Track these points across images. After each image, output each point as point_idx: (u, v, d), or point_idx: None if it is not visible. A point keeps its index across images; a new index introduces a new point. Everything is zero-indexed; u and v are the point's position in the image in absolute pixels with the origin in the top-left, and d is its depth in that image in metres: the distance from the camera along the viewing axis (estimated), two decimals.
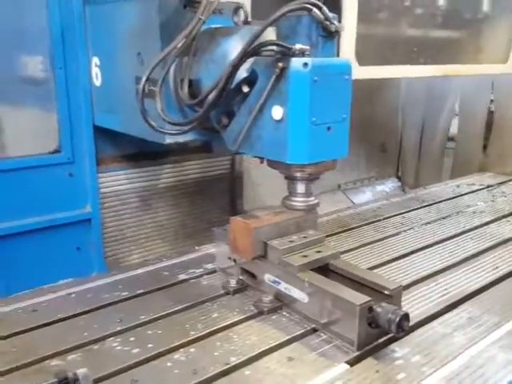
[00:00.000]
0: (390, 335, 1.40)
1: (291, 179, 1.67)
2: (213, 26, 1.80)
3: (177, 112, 1.80)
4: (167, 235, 2.88)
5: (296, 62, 1.45)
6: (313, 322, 1.47)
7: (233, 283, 1.67)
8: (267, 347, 1.37)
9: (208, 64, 1.72)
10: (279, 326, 1.48)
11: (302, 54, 1.46)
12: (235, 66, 1.50)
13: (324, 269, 1.56)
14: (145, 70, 1.83)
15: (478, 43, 3.06)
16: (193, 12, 1.82)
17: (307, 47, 1.46)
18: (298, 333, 1.44)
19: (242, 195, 3.15)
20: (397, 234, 2.29)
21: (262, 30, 1.45)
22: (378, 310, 1.34)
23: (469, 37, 3.04)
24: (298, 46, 1.45)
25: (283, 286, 1.54)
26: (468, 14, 2.95)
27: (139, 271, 1.85)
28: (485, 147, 3.67)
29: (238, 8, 1.82)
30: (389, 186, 4.18)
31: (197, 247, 2.10)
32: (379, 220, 2.47)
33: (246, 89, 1.63)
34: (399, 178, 4.23)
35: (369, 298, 1.35)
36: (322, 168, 1.61)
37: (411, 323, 1.37)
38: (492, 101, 3.56)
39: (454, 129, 3.94)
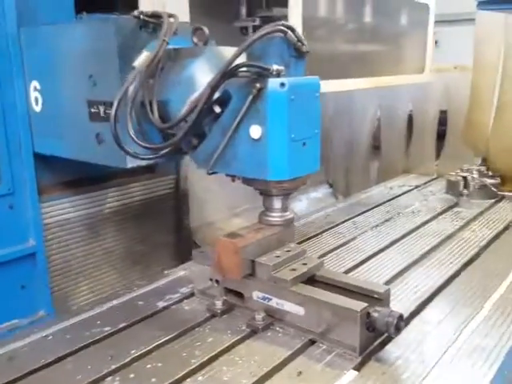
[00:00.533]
0: (382, 337, 1.47)
1: (268, 195, 1.69)
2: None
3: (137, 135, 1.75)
4: (115, 262, 2.78)
5: (273, 83, 1.49)
6: (310, 333, 1.50)
7: (219, 305, 1.66)
8: (274, 365, 1.38)
9: (175, 86, 1.70)
10: (277, 342, 1.49)
11: (278, 74, 1.50)
12: (214, 88, 1.51)
13: (311, 280, 1.60)
14: (98, 93, 1.79)
15: (399, 56, 3.30)
16: (148, 33, 1.82)
17: (282, 68, 1.50)
18: (298, 346, 1.46)
19: (189, 213, 3.11)
20: (354, 238, 2.39)
21: (241, 52, 1.47)
22: (375, 314, 1.40)
23: (392, 50, 3.26)
24: (275, 67, 1.48)
25: (275, 302, 1.56)
26: (390, 28, 3.17)
27: (114, 302, 1.77)
28: (407, 151, 3.93)
29: (197, 29, 1.83)
30: (321, 192, 4.33)
31: (166, 272, 2.05)
32: (333, 227, 2.56)
33: (217, 109, 1.63)
34: (330, 185, 4.40)
35: (366, 304, 1.40)
36: (299, 183, 1.65)
37: None
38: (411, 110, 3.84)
39: None
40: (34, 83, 2.11)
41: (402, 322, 1.40)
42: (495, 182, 3.05)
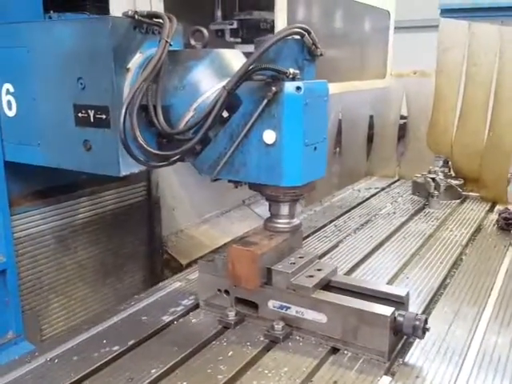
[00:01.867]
0: (402, 341, 1.47)
1: (278, 201, 1.65)
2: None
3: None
4: (87, 276, 2.63)
5: (289, 86, 1.46)
6: (332, 340, 1.47)
7: (231, 316, 1.60)
8: (305, 376, 1.34)
9: (178, 90, 1.63)
10: (301, 352, 1.45)
11: (293, 78, 1.47)
12: (231, 91, 1.45)
13: (327, 286, 1.58)
14: (87, 97, 1.68)
15: (363, 61, 3.37)
16: (142, 33, 1.73)
17: (298, 71, 1.47)
18: (323, 355, 1.44)
19: (161, 222, 3.01)
20: (340, 241, 2.40)
21: (260, 55, 1.43)
22: (400, 318, 1.40)
23: (356, 56, 3.32)
24: (291, 70, 1.45)
25: (294, 310, 1.52)
26: (354, 35, 3.23)
27: (115, 319, 1.66)
28: (368, 154, 4.02)
29: (196, 31, 1.76)
30: None
31: (160, 283, 1.96)
32: (316, 230, 2.56)
33: (225, 114, 1.58)
34: None
35: (393, 308, 1.40)
36: (309, 188, 1.63)
37: None
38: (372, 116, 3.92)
39: None
40: (7, 86, 1.95)
41: (427, 325, 1.40)
42: (459, 182, 3.18)
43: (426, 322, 1.40)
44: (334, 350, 1.47)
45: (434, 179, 3.07)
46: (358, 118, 3.89)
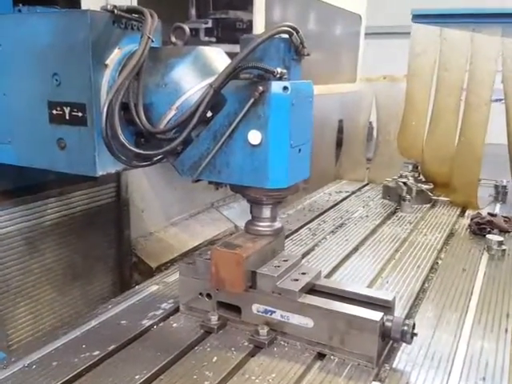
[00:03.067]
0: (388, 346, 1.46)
1: (261, 204, 1.61)
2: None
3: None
4: (55, 279, 2.52)
5: (276, 86, 1.42)
6: (319, 346, 1.45)
7: (214, 320, 1.55)
8: (293, 382, 1.31)
9: (159, 88, 1.57)
10: (287, 357, 1.42)
11: (280, 77, 1.44)
12: (218, 90, 1.41)
13: (312, 290, 1.56)
14: (63, 93, 1.61)
15: (335, 65, 3.38)
16: (121, 29, 1.67)
17: (285, 71, 1.45)
18: (309, 360, 1.41)
19: (130, 224, 2.92)
20: (316, 245, 2.39)
21: (248, 54, 1.39)
22: (388, 323, 1.39)
23: (328, 59, 3.33)
24: (279, 70, 1.42)
25: (279, 314, 1.49)
26: (328, 38, 3.23)
27: (93, 323, 1.59)
28: (337, 158, 4.04)
29: (177, 27, 1.71)
30: None
31: (137, 286, 1.90)
32: (291, 234, 2.53)
33: (209, 113, 1.53)
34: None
35: (382, 313, 1.39)
36: (292, 190, 1.60)
37: None
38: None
39: None
40: None
41: (414, 330, 1.40)
42: (429, 187, 3.22)
43: (414, 326, 1.39)
44: (321, 356, 1.44)
45: (405, 183, 3.10)
46: (328, 122, 3.90)
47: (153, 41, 1.56)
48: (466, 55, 2.99)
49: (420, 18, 3.07)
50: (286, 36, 1.47)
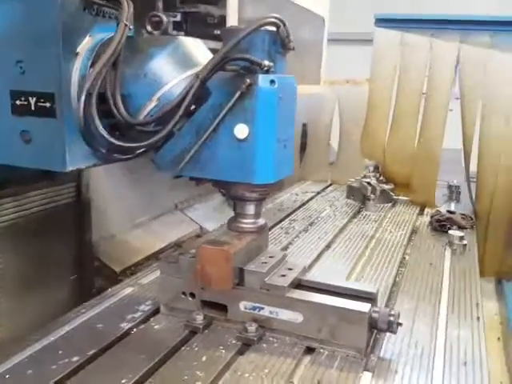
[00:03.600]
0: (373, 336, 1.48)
1: (245, 200, 1.59)
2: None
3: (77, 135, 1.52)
4: (9, 288, 2.37)
5: (264, 79, 1.41)
6: (307, 340, 1.44)
7: (199, 319, 1.51)
8: (286, 376, 1.30)
9: (138, 78, 1.52)
10: (277, 353, 1.41)
11: (267, 70, 1.42)
12: (204, 80, 1.38)
13: (298, 286, 1.55)
14: (28, 82, 1.50)
15: (302, 67, 3.41)
16: (92, 15, 1.60)
17: (272, 64, 1.44)
18: (300, 355, 1.40)
19: (91, 225, 2.80)
20: (290, 243, 2.39)
21: (236, 44, 1.37)
22: (374, 314, 1.40)
23: (298, 60, 3.35)
24: (266, 62, 1.41)
25: (268, 311, 1.47)
26: (296, 40, 3.25)
27: (67, 328, 1.51)
28: (300, 161, 4.07)
29: (153, 16, 1.67)
30: (216, 200, 4.25)
31: (110, 289, 1.82)
32: None
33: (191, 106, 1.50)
34: (223, 194, 4.33)
35: (370, 305, 1.40)
36: (277, 187, 1.59)
37: None
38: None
39: None
40: None
41: (399, 320, 1.42)
42: (390, 187, 3.30)
43: (398, 317, 1.41)
44: (310, 350, 1.44)
45: (369, 183, 3.16)
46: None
47: (130, 28, 1.51)
48: (426, 60, 3.09)
49: (382, 22, 3.15)
50: (271, 28, 1.45)
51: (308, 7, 3.44)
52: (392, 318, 1.39)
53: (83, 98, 1.37)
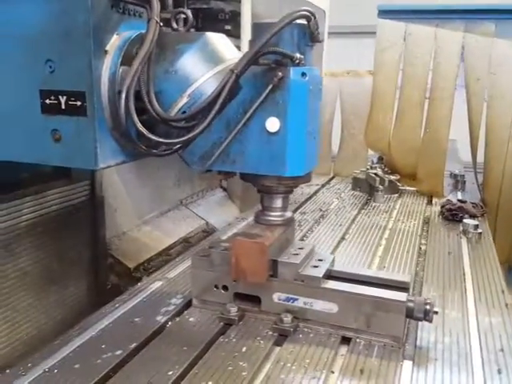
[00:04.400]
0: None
1: (273, 193, 1.60)
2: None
3: (109, 132, 1.52)
4: (31, 285, 2.38)
5: (295, 72, 1.42)
6: (343, 329, 1.46)
7: (233, 312, 1.53)
8: (328, 366, 1.32)
9: (169, 74, 1.52)
10: (314, 343, 1.43)
11: (298, 63, 1.44)
12: (240, 74, 1.39)
13: (330, 276, 1.57)
14: (57, 81, 1.51)
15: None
16: (119, 13, 1.60)
17: (302, 56, 1.45)
18: (337, 344, 1.42)
19: (105, 224, 2.81)
20: (304, 235, 2.42)
21: (269, 39, 1.38)
22: (410, 304, 1.43)
23: None
24: (297, 55, 1.42)
25: (302, 302, 1.49)
26: None
27: (105, 322, 1.52)
28: None
29: (178, 13, 1.67)
30: (217, 196, 4.27)
31: (139, 284, 1.83)
32: None
33: None
34: (224, 189, 4.36)
35: (406, 294, 1.42)
36: (306, 179, 1.61)
37: None
38: None
39: None
40: None
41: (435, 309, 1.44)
42: (396, 178, 3.33)
43: (434, 305, 1.44)
44: (345, 339, 1.46)
45: (376, 174, 3.19)
46: None
47: (161, 25, 1.51)
48: (430, 50, 3.12)
49: (386, 13, 3.17)
50: (300, 21, 1.46)
51: (311, 0, 3.44)
52: (428, 307, 1.41)
53: (123, 95, 1.38)
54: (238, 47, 2.45)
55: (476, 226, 2.44)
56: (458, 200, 2.87)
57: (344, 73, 3.79)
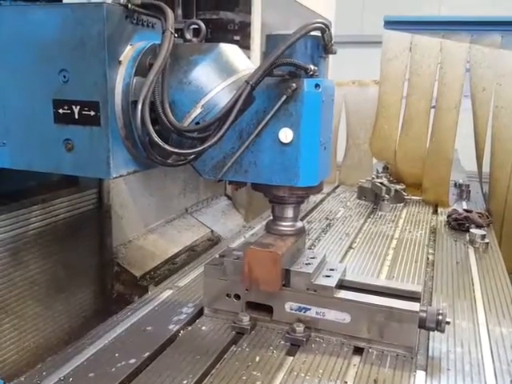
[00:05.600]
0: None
1: (285, 204, 1.61)
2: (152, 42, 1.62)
3: (121, 142, 1.54)
4: (39, 292, 2.39)
5: (309, 83, 1.44)
6: (356, 339, 1.47)
7: (246, 321, 1.53)
8: (342, 375, 1.32)
9: (183, 85, 1.54)
10: (327, 353, 1.43)
11: (312, 75, 1.45)
12: (254, 86, 1.40)
13: (341, 286, 1.57)
14: (71, 91, 1.53)
15: None
16: (133, 24, 1.62)
17: (316, 68, 1.46)
18: (350, 354, 1.43)
19: (112, 232, 2.82)
20: (312, 245, 2.42)
21: (284, 50, 1.39)
22: (422, 314, 1.43)
23: None
24: (311, 67, 1.44)
25: (314, 311, 1.49)
26: None
27: (118, 331, 1.53)
28: None
29: (191, 24, 1.69)
30: (222, 204, 4.28)
31: (150, 293, 1.84)
32: None
33: None
34: (229, 197, 4.37)
35: (419, 304, 1.43)
36: (318, 189, 1.62)
37: None
38: None
39: None
40: None
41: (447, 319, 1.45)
42: (402, 187, 3.34)
43: (446, 315, 1.44)
44: (358, 349, 1.46)
45: (382, 184, 3.20)
46: None
47: (176, 36, 1.53)
48: (436, 61, 3.14)
49: (391, 24, 3.19)
50: (314, 33, 1.48)
51: (316, 10, 3.48)
52: (440, 317, 1.42)
53: (139, 106, 1.39)
54: (248, 58, 2.48)
55: (483, 236, 2.45)
56: (464, 210, 2.88)
57: (349, 82, 3.81)
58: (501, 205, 3.10)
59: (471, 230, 2.52)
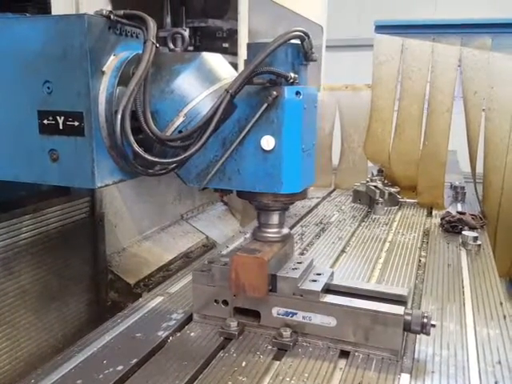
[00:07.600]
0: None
1: (271, 210, 1.61)
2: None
3: (106, 152, 1.55)
4: (32, 302, 2.39)
5: (289, 91, 1.45)
6: (342, 343, 1.47)
7: (234, 326, 1.54)
8: (327, 379, 1.33)
9: (165, 94, 1.55)
10: (313, 357, 1.44)
11: (292, 82, 1.46)
12: (234, 95, 1.41)
13: (328, 290, 1.58)
14: (55, 102, 1.52)
15: None
16: (116, 35, 1.63)
17: (297, 75, 1.47)
18: (336, 358, 1.44)
19: (105, 240, 2.82)
20: (305, 249, 2.43)
21: (264, 59, 1.41)
22: (407, 317, 1.44)
23: None
24: (292, 74, 1.45)
25: (301, 316, 1.50)
26: None
27: (107, 338, 1.54)
28: None
29: (175, 33, 1.70)
30: (218, 210, 4.29)
31: (140, 299, 1.85)
32: None
33: None
34: (225, 203, 4.38)
35: (404, 307, 1.43)
36: (302, 195, 1.62)
37: None
38: None
39: None
40: None
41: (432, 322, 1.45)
42: (396, 190, 3.35)
43: (431, 318, 1.45)
44: (344, 353, 1.47)
45: (376, 187, 3.21)
46: None
47: (157, 46, 1.54)
48: (428, 64, 3.15)
49: (382, 28, 3.21)
50: (294, 41, 1.49)
51: (307, 17, 3.49)
52: (425, 320, 1.42)
53: (119, 116, 1.40)
54: (236, 64, 2.50)
55: (475, 238, 2.45)
56: (458, 212, 2.89)
57: (342, 87, 3.83)
58: (495, 206, 3.10)
59: (463, 232, 2.52)
